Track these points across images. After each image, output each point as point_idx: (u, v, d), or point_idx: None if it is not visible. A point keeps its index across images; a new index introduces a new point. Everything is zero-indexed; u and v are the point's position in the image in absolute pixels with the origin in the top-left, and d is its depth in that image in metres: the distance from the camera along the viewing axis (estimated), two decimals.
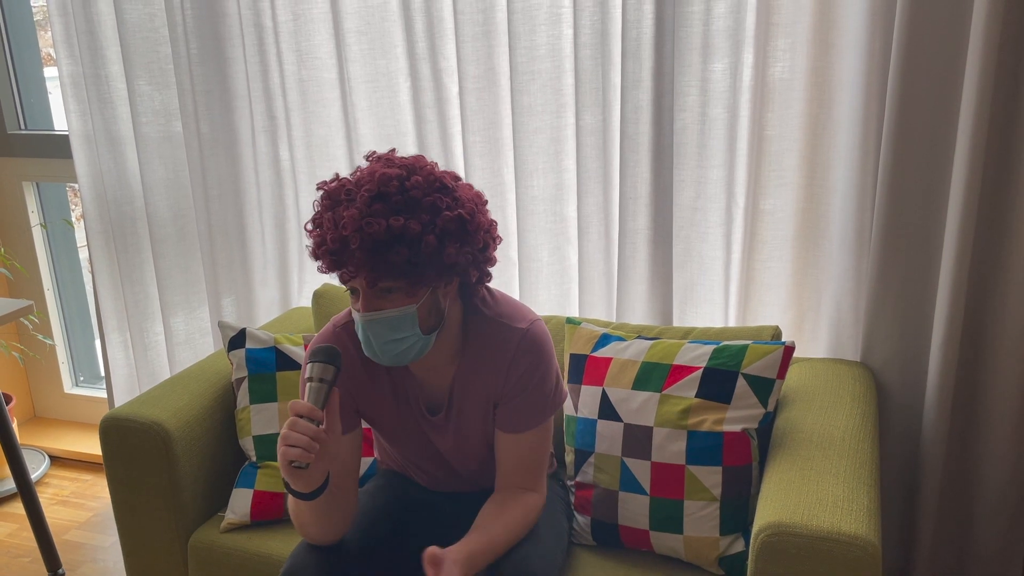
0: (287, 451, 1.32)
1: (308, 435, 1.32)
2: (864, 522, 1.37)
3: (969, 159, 1.72)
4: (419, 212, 1.35)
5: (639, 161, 2.00)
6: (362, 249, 1.32)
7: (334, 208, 1.37)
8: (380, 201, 1.34)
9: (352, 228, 1.32)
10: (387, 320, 1.38)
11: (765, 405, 1.66)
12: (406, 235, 1.33)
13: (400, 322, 1.39)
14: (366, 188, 1.35)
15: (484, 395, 1.54)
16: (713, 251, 2.06)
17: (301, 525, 1.48)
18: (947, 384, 1.85)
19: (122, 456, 1.84)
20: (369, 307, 1.38)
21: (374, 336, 1.40)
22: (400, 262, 1.33)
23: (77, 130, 2.52)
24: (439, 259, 1.37)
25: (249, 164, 2.41)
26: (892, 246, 1.87)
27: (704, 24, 1.90)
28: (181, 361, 2.62)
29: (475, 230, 1.41)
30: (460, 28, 2.08)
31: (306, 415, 1.34)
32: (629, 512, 1.67)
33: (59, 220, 3.12)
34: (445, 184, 1.40)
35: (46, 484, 2.90)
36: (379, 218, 1.32)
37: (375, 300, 1.38)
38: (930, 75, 1.76)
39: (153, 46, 2.39)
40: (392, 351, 1.41)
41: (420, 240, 1.34)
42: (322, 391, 1.37)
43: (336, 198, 1.38)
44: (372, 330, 1.39)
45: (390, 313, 1.38)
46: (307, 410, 1.34)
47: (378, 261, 1.33)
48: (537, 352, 1.51)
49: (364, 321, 1.39)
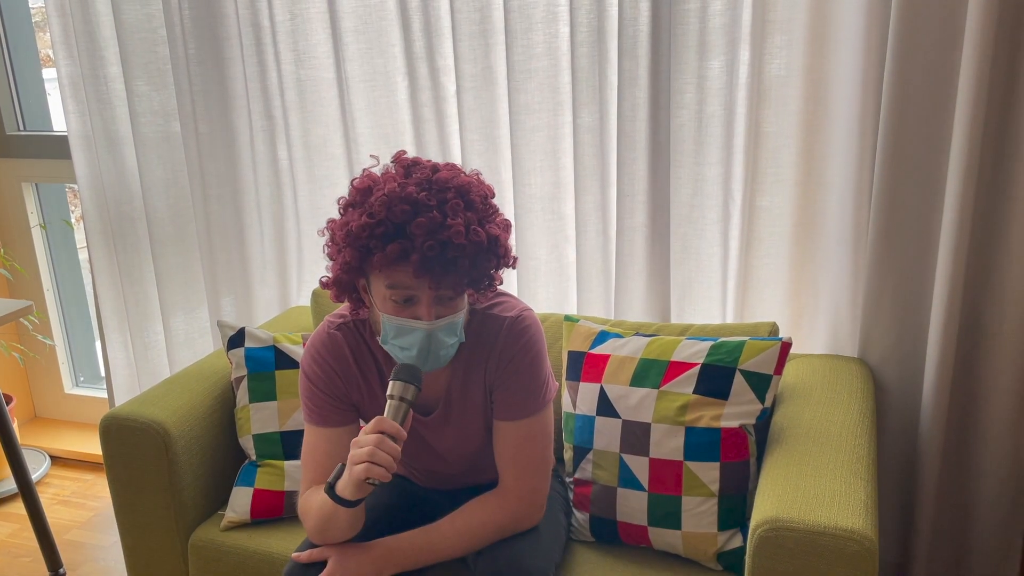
0: (371, 468, 1.32)
1: (392, 455, 1.34)
2: (861, 516, 1.37)
3: (965, 155, 1.72)
4: (497, 221, 1.40)
5: (636, 159, 2.01)
6: (466, 257, 1.33)
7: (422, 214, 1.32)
8: (471, 210, 1.36)
9: (462, 237, 1.32)
10: (448, 326, 1.40)
11: (762, 401, 1.66)
12: (500, 244, 1.38)
13: (455, 327, 1.42)
14: (452, 195, 1.34)
15: (481, 388, 1.55)
16: (710, 248, 2.06)
17: (326, 530, 1.46)
18: (944, 379, 1.86)
19: (122, 455, 1.85)
20: (436, 315, 1.39)
21: (437, 343, 1.40)
22: (488, 270, 1.39)
23: (76, 131, 2.52)
24: (506, 263, 1.43)
25: (247, 164, 2.42)
26: (889, 242, 1.88)
27: (700, 22, 1.91)
28: (181, 361, 2.63)
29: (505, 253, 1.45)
30: (457, 27, 2.08)
31: (392, 434, 1.35)
32: (628, 508, 1.68)
33: (58, 221, 3.12)
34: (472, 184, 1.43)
35: (47, 484, 2.90)
36: (478, 227, 1.34)
37: (440, 308, 1.39)
38: (926, 71, 1.76)
39: (151, 47, 2.40)
40: (447, 356, 1.44)
41: (507, 250, 1.41)
42: (402, 409, 1.37)
43: (417, 203, 1.33)
44: (436, 337, 1.39)
45: (451, 319, 1.40)
46: (394, 431, 1.35)
47: (477, 270, 1.36)
48: (526, 336, 1.52)
49: (431, 329, 1.38)
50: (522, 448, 1.52)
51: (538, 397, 1.53)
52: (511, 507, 1.52)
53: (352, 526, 1.46)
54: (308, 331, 2.23)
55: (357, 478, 1.34)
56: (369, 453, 1.32)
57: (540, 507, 1.55)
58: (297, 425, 1.88)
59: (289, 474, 1.85)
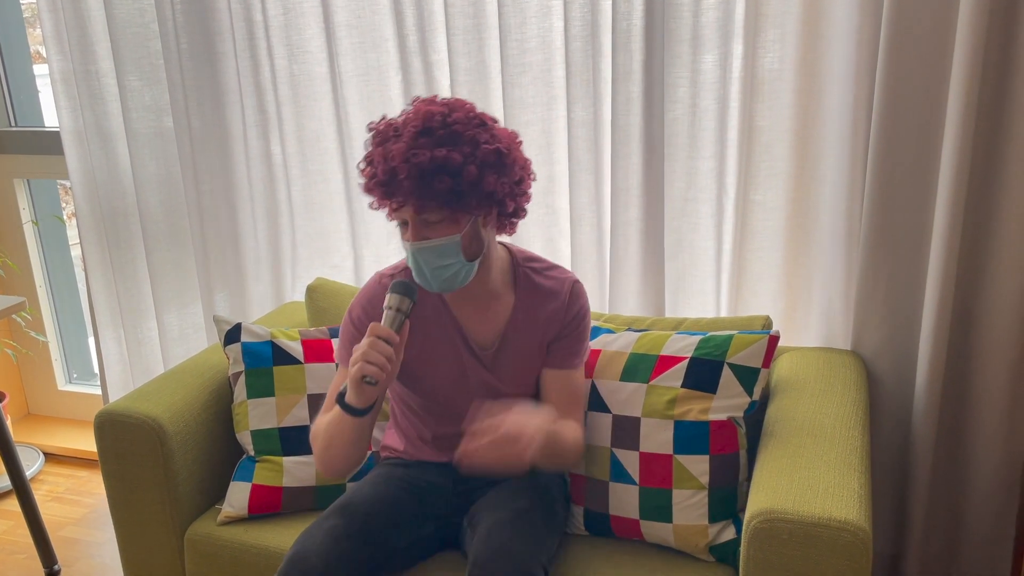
0: (365, 367, 1.45)
1: (385, 356, 1.46)
2: (855, 508, 1.38)
3: (958, 149, 1.73)
4: (461, 144, 1.48)
5: (630, 153, 2.01)
6: (409, 178, 1.45)
7: (383, 143, 1.50)
8: (425, 136, 1.47)
9: (400, 159, 1.45)
10: (434, 248, 1.51)
11: (750, 394, 1.67)
12: (449, 165, 1.45)
13: (446, 250, 1.51)
14: (412, 124, 1.49)
15: (538, 338, 1.67)
16: (704, 242, 2.07)
17: (329, 448, 1.58)
18: (937, 371, 1.87)
19: (117, 451, 1.84)
20: (418, 236, 1.51)
21: (424, 263, 1.52)
22: (444, 190, 1.45)
23: (68, 127, 2.52)
24: (479, 188, 1.49)
25: (241, 159, 2.41)
26: (882, 235, 1.88)
27: (694, 16, 1.91)
28: (174, 357, 2.62)
29: (512, 163, 1.54)
30: (451, 21, 2.08)
31: (384, 338, 1.47)
32: (619, 502, 1.69)
33: (50, 217, 3.11)
34: (484, 121, 1.53)
35: (40, 481, 2.90)
36: (424, 150, 1.45)
37: (423, 230, 1.51)
38: (919, 65, 1.77)
39: (143, 42, 2.39)
40: (440, 276, 1.54)
41: (462, 170, 1.46)
42: (397, 319, 1.51)
43: (385, 135, 1.51)
44: (422, 257, 1.52)
45: (437, 242, 1.51)
46: (386, 333, 1.48)
47: (424, 189, 1.46)
48: (584, 299, 1.70)
49: (414, 249, 1.52)
50: (574, 394, 1.67)
51: (585, 352, 1.70)
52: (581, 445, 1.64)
53: (355, 444, 1.57)
54: (304, 327, 2.23)
55: (354, 377, 1.47)
56: (363, 354, 1.46)
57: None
58: (295, 421, 1.88)
59: (288, 470, 1.85)
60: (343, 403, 1.53)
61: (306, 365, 1.91)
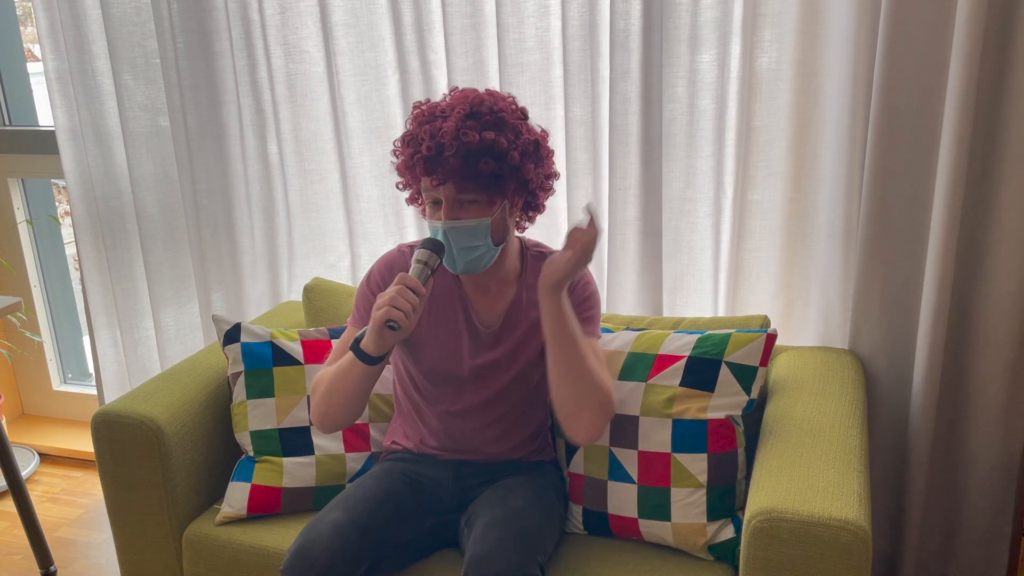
0: (391, 311, 1.48)
1: (411, 303, 1.50)
2: (855, 507, 1.39)
3: (954, 148, 1.74)
4: (506, 131, 1.54)
5: (628, 153, 2.02)
6: (457, 156, 1.50)
7: (431, 122, 1.54)
8: (473, 118, 1.53)
9: (450, 137, 1.50)
10: (466, 228, 1.56)
11: (748, 392, 1.68)
12: (496, 148, 1.51)
13: (477, 231, 1.56)
14: (460, 107, 1.54)
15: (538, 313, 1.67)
16: (702, 241, 2.07)
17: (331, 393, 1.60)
18: (934, 370, 1.87)
19: (114, 452, 1.84)
20: (452, 216, 1.55)
21: (454, 242, 1.56)
22: (487, 172, 1.51)
23: (63, 125, 2.51)
24: (519, 174, 1.56)
25: (237, 158, 2.41)
26: (879, 234, 1.89)
27: (692, 15, 1.91)
28: (171, 357, 2.62)
29: (546, 155, 1.62)
30: (448, 20, 2.08)
31: (411, 287, 1.51)
32: (618, 501, 1.69)
33: (45, 216, 3.10)
34: (525, 114, 1.61)
35: (36, 482, 2.89)
36: (472, 131, 1.51)
37: (457, 210, 1.55)
38: (916, 64, 1.77)
39: (140, 40, 2.38)
40: (467, 257, 1.58)
41: (507, 154, 1.52)
42: (424, 272, 1.54)
43: (432, 115, 1.55)
44: (453, 236, 1.56)
45: (470, 222, 1.55)
46: (414, 283, 1.52)
47: (469, 169, 1.51)
48: (592, 280, 1.72)
49: (446, 228, 1.55)
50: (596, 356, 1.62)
51: (594, 325, 1.68)
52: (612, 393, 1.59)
53: (357, 394, 1.59)
54: (302, 326, 2.23)
55: (378, 321, 1.50)
56: (390, 299, 1.49)
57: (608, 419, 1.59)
58: (295, 422, 1.88)
59: (288, 471, 1.85)
60: (358, 349, 1.55)
61: (306, 366, 1.91)
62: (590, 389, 1.55)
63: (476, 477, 1.71)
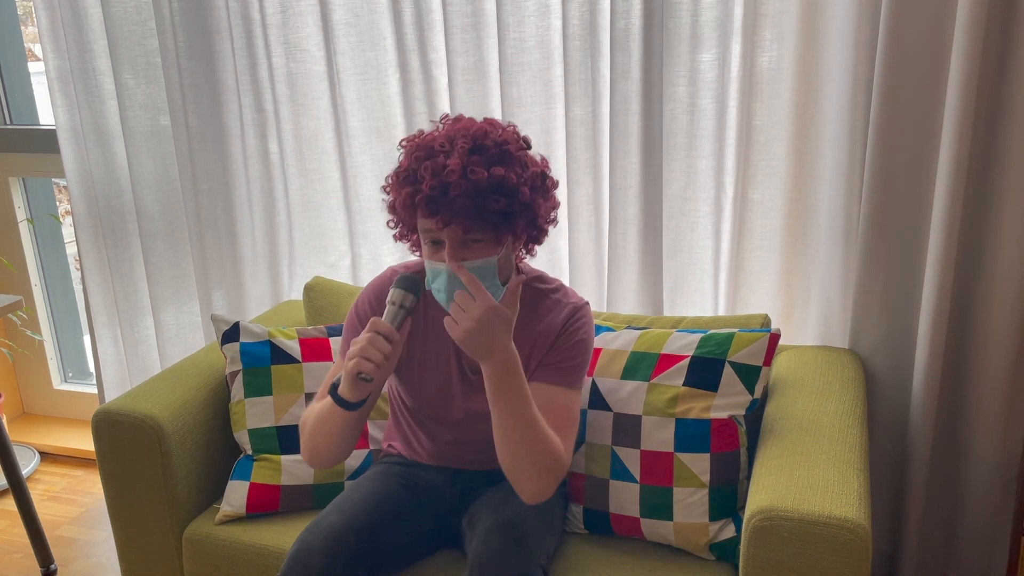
0: (361, 362, 1.40)
1: (384, 352, 1.41)
2: (855, 506, 1.39)
3: (955, 147, 1.74)
4: (513, 164, 1.43)
5: (628, 152, 2.02)
6: (465, 196, 1.37)
7: (432, 158, 1.41)
8: (478, 153, 1.41)
9: (457, 176, 1.37)
10: (474, 270, 1.44)
11: (752, 392, 1.68)
12: (506, 185, 1.40)
13: (483, 272, 1.45)
14: (461, 141, 1.41)
15: (525, 356, 1.57)
16: (703, 241, 2.07)
17: (316, 436, 1.54)
18: (934, 369, 1.87)
19: (115, 450, 1.84)
20: (457, 256, 1.43)
21: (459, 286, 1.43)
22: (498, 211, 1.40)
23: (64, 125, 2.51)
24: (530, 210, 1.45)
25: (238, 158, 2.41)
26: (879, 234, 1.89)
27: (692, 15, 1.91)
28: (171, 356, 2.62)
29: (552, 187, 1.51)
30: (449, 19, 2.08)
31: (384, 334, 1.42)
32: (620, 500, 1.69)
33: (45, 215, 3.10)
34: (528, 143, 1.50)
35: (36, 480, 2.89)
36: (479, 167, 1.38)
37: (462, 250, 1.44)
38: (916, 64, 1.78)
39: (140, 40, 2.38)
40: None
41: (517, 190, 1.41)
42: (399, 315, 1.46)
43: (431, 149, 1.42)
44: (459, 280, 1.42)
45: (475, 263, 1.44)
46: (387, 330, 1.43)
47: (478, 208, 1.39)
48: (583, 323, 1.59)
49: (452, 271, 1.42)
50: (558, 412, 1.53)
51: (575, 377, 1.57)
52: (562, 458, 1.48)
53: (343, 435, 1.53)
54: (301, 325, 2.23)
55: (350, 372, 1.43)
56: (360, 349, 1.41)
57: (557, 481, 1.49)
58: (293, 420, 1.88)
59: (286, 468, 1.85)
60: (335, 395, 1.50)
61: (304, 364, 1.91)
62: (533, 454, 1.44)
63: (475, 481, 1.71)
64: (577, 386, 1.57)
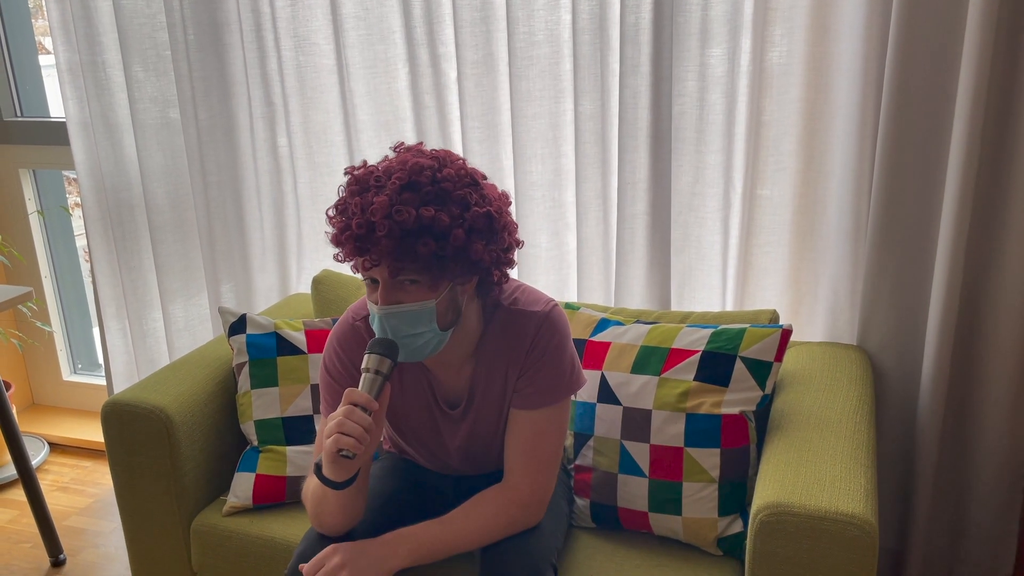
0: (340, 439, 1.31)
1: (363, 426, 1.32)
2: (862, 502, 1.39)
3: (966, 144, 1.73)
4: (449, 205, 1.34)
5: (637, 147, 2.01)
6: (389, 237, 1.30)
7: (362, 193, 1.34)
8: (411, 190, 1.32)
9: (381, 215, 1.30)
10: (406, 314, 1.36)
11: (763, 388, 1.68)
12: (435, 227, 1.31)
13: (419, 317, 1.37)
14: (397, 176, 1.33)
15: (503, 386, 1.53)
16: (711, 236, 2.07)
17: (319, 515, 1.46)
18: (942, 366, 1.87)
19: (124, 441, 1.85)
20: (388, 299, 1.36)
21: (391, 329, 1.37)
22: (426, 254, 1.31)
23: (74, 117, 2.52)
24: (465, 255, 1.35)
25: (247, 151, 2.41)
26: (888, 230, 1.88)
27: (702, 10, 1.91)
28: (180, 348, 2.63)
29: (501, 229, 1.40)
30: (458, 13, 2.08)
31: (362, 405, 1.34)
32: (628, 494, 1.69)
33: (56, 207, 3.12)
34: (475, 179, 1.39)
35: (45, 471, 2.91)
36: (409, 207, 1.30)
37: (395, 292, 1.36)
38: (927, 60, 1.77)
39: (150, 33, 2.39)
40: (409, 346, 1.40)
41: (449, 233, 1.32)
42: (376, 382, 1.36)
43: (365, 184, 1.35)
44: (389, 323, 1.37)
45: (409, 307, 1.36)
46: (364, 400, 1.34)
47: (404, 251, 1.31)
48: (553, 332, 1.50)
49: (382, 314, 1.36)
50: (535, 440, 1.50)
51: (558, 390, 1.51)
52: (522, 502, 1.49)
53: (344, 511, 1.44)
54: (309, 318, 2.23)
55: (329, 451, 1.34)
56: (338, 424, 1.32)
57: (544, 504, 1.53)
58: (298, 411, 1.89)
59: (291, 460, 1.86)
60: (321, 477, 1.39)
61: (309, 355, 1.92)
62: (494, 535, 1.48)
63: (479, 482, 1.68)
64: (550, 402, 1.50)
